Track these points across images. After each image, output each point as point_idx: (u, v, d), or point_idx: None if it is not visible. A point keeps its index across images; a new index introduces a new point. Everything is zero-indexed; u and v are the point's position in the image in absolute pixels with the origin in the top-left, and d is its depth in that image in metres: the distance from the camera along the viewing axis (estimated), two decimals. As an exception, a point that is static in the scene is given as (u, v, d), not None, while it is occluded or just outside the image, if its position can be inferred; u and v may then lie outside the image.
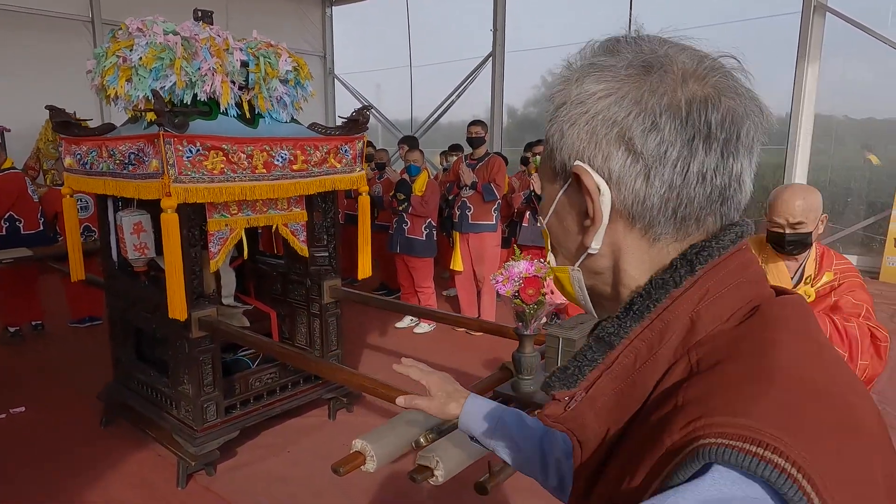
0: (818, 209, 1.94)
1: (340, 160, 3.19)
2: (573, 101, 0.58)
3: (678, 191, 0.55)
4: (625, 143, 0.55)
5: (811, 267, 2.02)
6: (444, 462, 1.43)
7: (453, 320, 3.12)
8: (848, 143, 7.63)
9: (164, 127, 2.46)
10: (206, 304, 2.82)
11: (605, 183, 0.57)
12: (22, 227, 4.77)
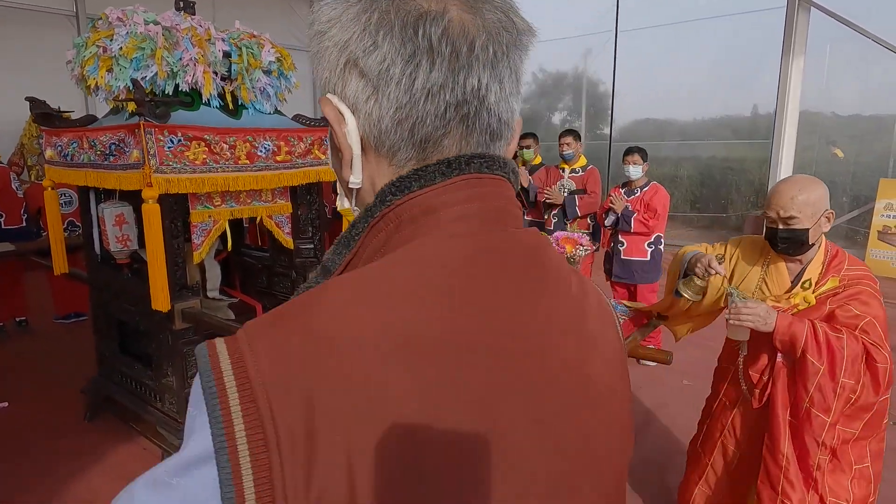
0: (818, 204, 1.74)
1: (325, 151, 3.18)
2: (316, 34, 0.57)
3: (408, 110, 0.52)
4: (355, 66, 0.53)
5: (814, 270, 1.82)
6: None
7: None
8: (833, 138, 7.71)
9: (145, 116, 2.45)
10: (189, 295, 2.81)
11: (350, 111, 0.55)
12: (3, 222, 4.73)
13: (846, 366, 1.67)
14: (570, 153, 4.74)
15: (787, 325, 1.74)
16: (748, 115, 8.76)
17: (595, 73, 9.95)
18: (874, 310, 1.74)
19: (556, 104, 10.80)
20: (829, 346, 1.69)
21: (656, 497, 2.71)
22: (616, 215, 4.35)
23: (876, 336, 1.71)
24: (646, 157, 4.34)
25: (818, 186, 1.77)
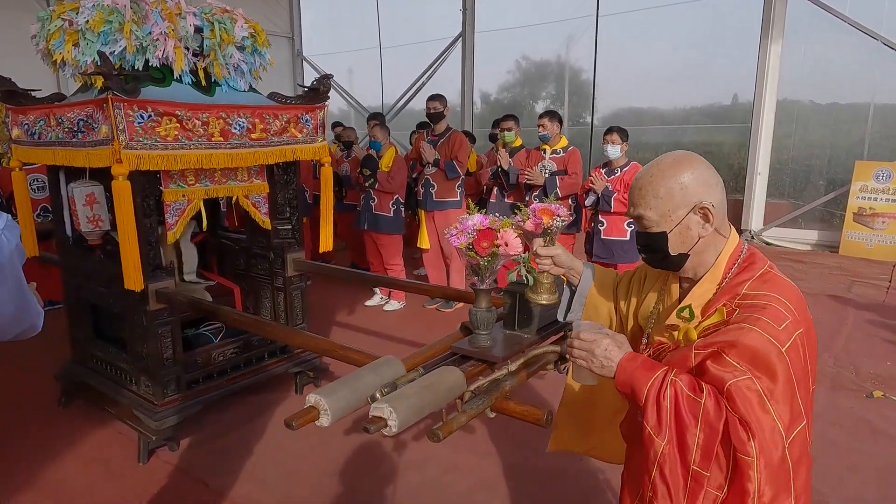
0: (675, 197, 1.19)
1: (301, 130, 3.13)
2: None
3: None
4: None
5: (702, 293, 1.23)
6: (397, 412, 1.42)
7: (417, 288, 3.10)
8: (811, 123, 7.80)
9: (113, 91, 2.38)
10: (163, 276, 2.76)
11: None
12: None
13: (701, 446, 1.09)
14: (545, 134, 4.72)
15: (628, 372, 1.19)
16: (728, 103, 8.82)
17: (577, 60, 9.94)
18: (759, 362, 1.07)
19: (539, 92, 10.77)
20: (677, 415, 1.10)
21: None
22: (596, 195, 4.35)
23: (745, 407, 1.06)
24: (625, 136, 4.35)
25: (680, 170, 1.19)
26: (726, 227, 1.26)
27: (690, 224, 1.21)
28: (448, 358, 1.83)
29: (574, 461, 2.77)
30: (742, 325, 1.11)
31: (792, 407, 1.09)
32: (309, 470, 2.76)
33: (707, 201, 1.19)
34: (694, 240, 1.22)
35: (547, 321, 1.96)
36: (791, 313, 1.12)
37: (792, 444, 1.09)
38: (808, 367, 1.14)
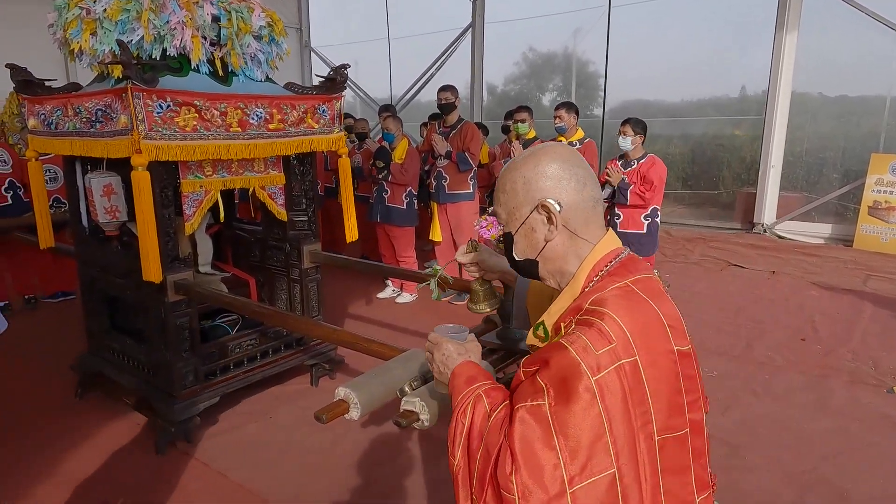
0: (516, 195, 1.04)
1: (318, 120, 3.10)
2: None
3: None
4: None
5: (559, 307, 1.05)
6: (429, 407, 1.40)
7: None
8: (825, 116, 7.71)
9: (132, 80, 2.36)
10: (181, 267, 2.74)
11: None
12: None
13: (478, 473, 0.96)
14: (562, 126, 4.68)
15: (453, 384, 1.09)
16: (736, 95, 8.73)
17: (584, 52, 9.86)
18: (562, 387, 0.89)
19: (546, 84, 10.70)
20: (469, 436, 0.99)
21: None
22: (612, 188, 4.31)
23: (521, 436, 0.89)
24: (641, 128, 4.29)
25: (527, 163, 1.04)
26: (593, 231, 1.04)
27: (535, 225, 1.03)
28: (476, 351, 1.81)
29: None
30: (561, 342, 0.93)
31: (592, 449, 0.87)
32: (327, 463, 2.75)
33: (551, 199, 1.00)
34: (540, 243, 1.04)
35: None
36: (620, 339, 0.90)
37: (583, 495, 0.87)
38: (631, 407, 0.89)
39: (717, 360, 3.83)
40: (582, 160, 1.06)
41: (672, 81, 8.90)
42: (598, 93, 9.77)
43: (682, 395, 0.96)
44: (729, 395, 3.35)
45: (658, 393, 0.92)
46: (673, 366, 0.95)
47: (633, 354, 0.90)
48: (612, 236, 1.06)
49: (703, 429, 1.01)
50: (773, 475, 2.63)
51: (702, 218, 8.40)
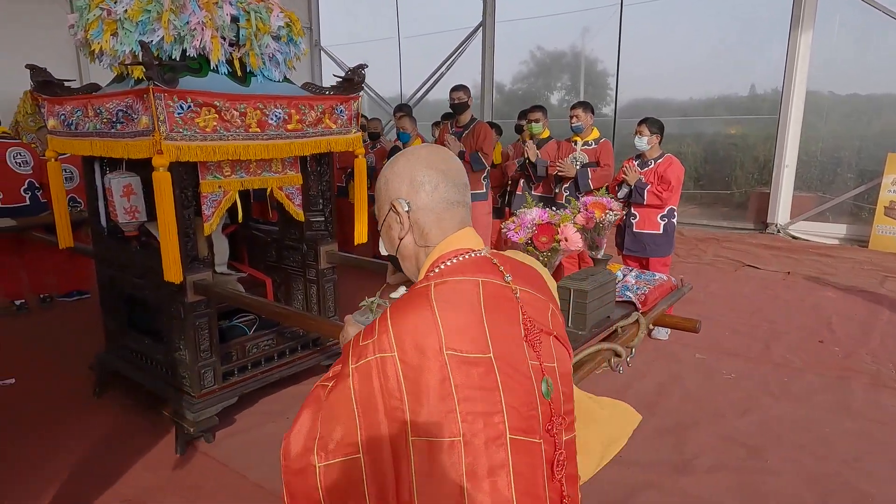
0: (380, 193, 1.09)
1: (336, 121, 3.10)
2: None
3: None
4: None
5: None
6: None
7: None
8: (840, 115, 7.64)
9: (154, 81, 2.36)
10: (200, 267, 2.75)
11: None
12: (0, 200, 4.63)
13: None
14: (579, 125, 4.66)
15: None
16: (745, 94, 8.68)
17: (593, 51, 9.82)
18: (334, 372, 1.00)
19: (555, 83, 10.66)
20: None
21: (675, 463, 2.69)
22: (629, 187, 4.29)
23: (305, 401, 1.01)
24: (657, 128, 4.27)
25: (393, 163, 1.08)
26: (436, 235, 1.04)
27: (391, 223, 1.07)
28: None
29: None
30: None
31: (335, 426, 0.92)
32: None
33: (401, 199, 1.03)
34: (395, 240, 1.07)
35: (600, 318, 1.93)
36: (384, 335, 0.91)
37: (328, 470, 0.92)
38: (383, 400, 0.90)
39: (734, 362, 3.80)
40: (445, 161, 1.06)
41: (682, 80, 8.85)
42: (608, 91, 9.73)
43: (454, 402, 0.88)
44: (747, 397, 3.32)
45: (416, 393, 0.89)
46: (438, 371, 0.89)
47: (392, 351, 0.90)
48: (462, 236, 1.04)
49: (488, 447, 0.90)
50: (795, 478, 2.60)
51: (714, 218, 8.34)
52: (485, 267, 1.00)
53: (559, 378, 0.99)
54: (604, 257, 2.02)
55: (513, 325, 0.95)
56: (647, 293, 2.20)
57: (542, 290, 1.06)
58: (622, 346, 1.85)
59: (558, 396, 0.98)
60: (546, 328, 0.99)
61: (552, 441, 0.96)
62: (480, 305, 0.94)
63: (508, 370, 0.92)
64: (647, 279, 2.37)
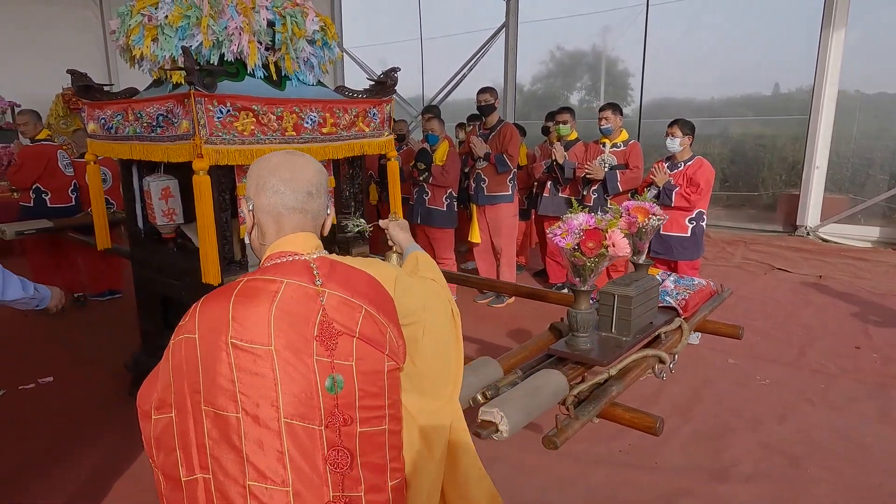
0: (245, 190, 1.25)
1: (369, 124, 3.11)
2: None
3: None
4: None
5: None
6: (508, 417, 1.39)
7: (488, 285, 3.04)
8: (872, 114, 7.47)
9: (195, 86, 2.39)
10: (237, 269, 2.78)
11: None
12: (49, 200, 4.74)
13: None
14: (608, 127, 4.62)
15: None
16: (769, 93, 8.54)
17: (613, 50, 9.75)
18: None
19: (574, 83, 10.60)
20: None
21: (713, 470, 2.65)
22: (657, 189, 4.24)
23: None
24: (689, 130, 4.22)
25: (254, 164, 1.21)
26: (271, 235, 1.17)
27: (246, 217, 1.21)
28: (544, 360, 1.79)
29: (648, 458, 2.71)
30: None
31: (164, 393, 1.12)
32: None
33: (248, 198, 1.19)
34: (247, 233, 1.23)
35: (643, 324, 1.91)
36: (191, 320, 1.10)
37: (158, 424, 1.12)
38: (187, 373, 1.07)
39: (769, 368, 3.74)
40: (291, 171, 1.18)
41: (703, 79, 8.74)
42: (629, 91, 9.64)
43: (234, 385, 1.04)
44: (784, 404, 3.26)
45: (207, 370, 1.05)
46: (224, 355, 1.04)
47: (194, 333, 1.08)
48: (293, 240, 1.16)
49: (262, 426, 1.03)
50: (836, 488, 2.55)
51: (742, 220, 8.21)
52: (299, 270, 1.11)
53: (356, 376, 1.08)
54: (645, 262, 2.00)
55: (306, 324, 1.06)
56: (688, 298, 2.17)
57: (362, 296, 1.12)
58: (666, 352, 1.83)
59: (350, 392, 1.07)
60: (349, 330, 1.08)
61: (336, 431, 1.06)
62: (273, 304, 1.06)
63: (289, 362, 1.04)
64: (686, 284, 2.34)
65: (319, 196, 1.21)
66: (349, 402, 1.07)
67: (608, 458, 2.75)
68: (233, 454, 1.03)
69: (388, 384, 1.13)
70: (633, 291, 1.77)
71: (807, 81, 7.51)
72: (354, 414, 1.07)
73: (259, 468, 1.02)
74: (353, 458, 1.07)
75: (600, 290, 1.82)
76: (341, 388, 1.06)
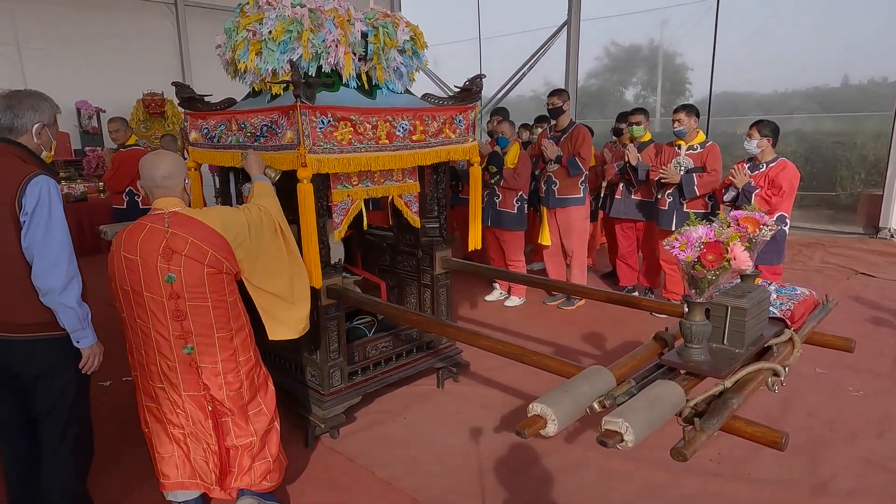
0: None
1: (455, 130, 3.18)
2: None
3: None
4: None
5: None
6: (633, 428, 1.41)
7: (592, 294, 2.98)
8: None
9: (301, 98, 2.51)
10: (332, 272, 2.90)
11: None
12: (140, 202, 5.03)
13: None
14: (682, 129, 4.53)
15: None
16: (838, 85, 8.14)
17: (670, 45, 9.50)
18: None
19: (629, 79, 10.39)
20: None
21: (811, 484, 2.59)
22: (736, 191, 4.14)
23: None
24: (769, 131, 4.10)
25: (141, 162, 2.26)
26: (152, 200, 2.21)
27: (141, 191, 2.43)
28: (655, 370, 1.80)
29: (740, 469, 2.67)
30: None
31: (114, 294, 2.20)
32: (469, 465, 2.82)
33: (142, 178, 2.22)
34: None
35: (755, 336, 1.89)
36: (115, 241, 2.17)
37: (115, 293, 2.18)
38: (118, 278, 2.14)
39: (860, 378, 3.60)
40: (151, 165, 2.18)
41: (763, 74, 8.42)
42: (686, 86, 9.42)
43: (126, 280, 2.11)
44: (881, 417, 3.14)
45: (117, 272, 2.13)
46: (119, 261, 2.11)
47: (115, 248, 2.14)
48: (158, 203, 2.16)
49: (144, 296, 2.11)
50: (946, 508, 2.45)
51: (818, 221, 7.88)
52: (157, 219, 2.11)
53: (184, 276, 2.07)
54: (752, 273, 1.98)
55: (155, 245, 2.06)
56: (793, 309, 2.13)
57: (191, 233, 2.09)
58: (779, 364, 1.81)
59: (180, 284, 2.08)
60: (179, 251, 2.06)
61: (174, 302, 2.10)
62: (140, 235, 2.09)
63: (147, 266, 2.07)
64: (788, 293, 2.29)
65: (173, 177, 2.16)
66: (179, 289, 2.08)
67: (699, 466, 2.72)
68: (139, 309, 2.12)
69: (209, 281, 2.11)
70: (747, 303, 1.75)
71: (880, 72, 7.12)
72: (183, 294, 2.08)
73: (151, 313, 2.10)
74: (186, 316, 2.10)
75: (712, 302, 1.81)
76: (174, 281, 2.06)
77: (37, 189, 1.92)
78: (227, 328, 2.18)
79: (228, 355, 2.18)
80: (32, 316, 2.00)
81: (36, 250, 1.92)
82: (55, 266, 1.94)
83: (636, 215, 5.06)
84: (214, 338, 2.14)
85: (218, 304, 2.14)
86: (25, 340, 2.02)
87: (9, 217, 1.91)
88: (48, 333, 2.04)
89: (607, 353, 4.15)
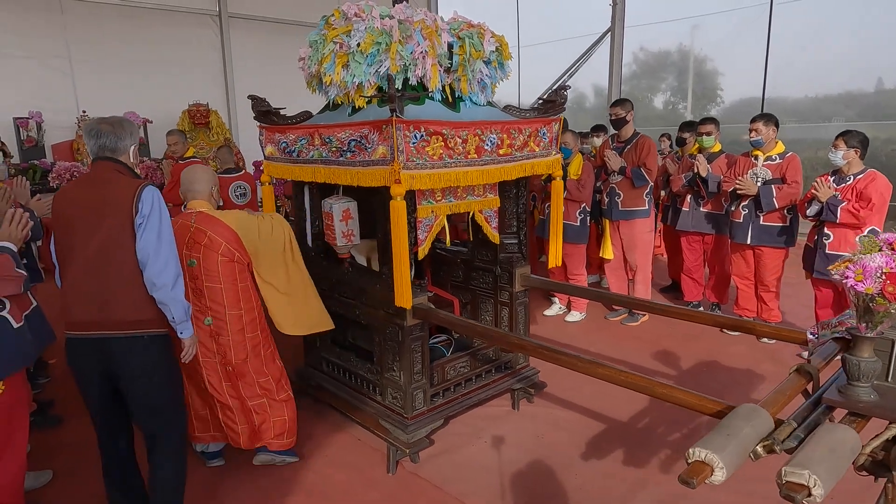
0: None
1: (539, 143, 3.07)
2: None
3: None
4: None
5: None
6: (822, 481, 1.27)
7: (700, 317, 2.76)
8: None
9: (396, 113, 2.42)
10: (418, 291, 2.80)
11: None
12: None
13: None
14: (758, 139, 4.35)
15: None
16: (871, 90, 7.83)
17: (701, 50, 9.30)
18: None
19: (658, 85, 10.18)
20: None
21: None
22: (820, 204, 3.95)
23: None
24: (857, 142, 3.90)
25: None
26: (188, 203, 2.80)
27: None
28: (813, 409, 1.66)
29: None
30: None
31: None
32: (560, 496, 2.69)
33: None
34: None
35: (920, 371, 1.73)
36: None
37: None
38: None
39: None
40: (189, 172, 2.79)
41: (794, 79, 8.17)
42: (717, 91, 9.24)
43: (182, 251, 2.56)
44: None
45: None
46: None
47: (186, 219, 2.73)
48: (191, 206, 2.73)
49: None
50: None
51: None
52: (186, 217, 2.65)
53: (202, 262, 2.61)
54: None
55: (183, 238, 2.58)
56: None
57: (211, 229, 2.62)
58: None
59: (199, 268, 2.61)
60: (200, 242, 2.60)
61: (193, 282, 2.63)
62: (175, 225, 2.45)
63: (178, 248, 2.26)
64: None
65: (201, 184, 2.72)
66: (198, 272, 2.61)
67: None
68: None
69: (222, 268, 2.63)
70: (917, 337, 1.60)
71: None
72: (201, 276, 2.61)
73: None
74: (203, 293, 2.63)
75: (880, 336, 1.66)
76: (194, 265, 2.60)
77: (150, 196, 2.12)
78: (237, 308, 2.68)
79: (237, 329, 2.68)
80: (137, 313, 2.13)
81: (151, 251, 2.10)
82: (168, 265, 2.12)
83: (705, 228, 4.88)
84: (226, 315, 2.65)
85: (229, 288, 2.65)
86: (126, 337, 2.13)
87: (128, 225, 2.08)
88: (149, 331, 2.16)
89: (683, 372, 3.98)
